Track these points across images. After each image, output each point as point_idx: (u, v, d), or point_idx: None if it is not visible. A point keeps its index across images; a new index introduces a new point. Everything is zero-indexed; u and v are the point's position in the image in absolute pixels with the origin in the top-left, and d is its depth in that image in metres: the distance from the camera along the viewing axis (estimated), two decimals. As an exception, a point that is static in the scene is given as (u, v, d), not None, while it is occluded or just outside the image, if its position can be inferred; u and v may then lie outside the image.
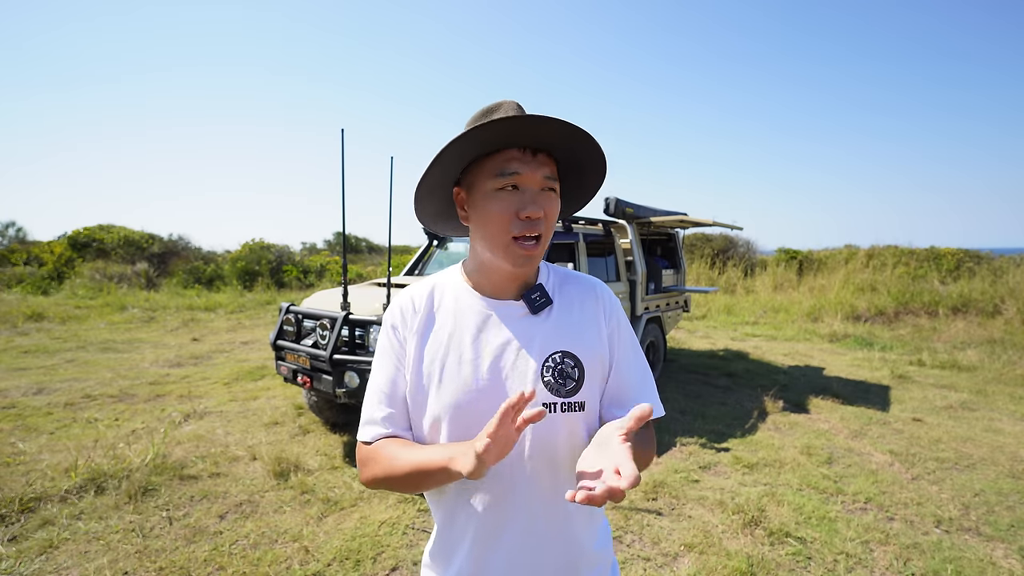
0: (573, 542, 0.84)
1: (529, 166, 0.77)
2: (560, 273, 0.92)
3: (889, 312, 9.61)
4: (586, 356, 0.83)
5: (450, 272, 0.92)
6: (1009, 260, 11.82)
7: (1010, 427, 4.12)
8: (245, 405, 4.47)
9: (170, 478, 3.01)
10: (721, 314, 10.49)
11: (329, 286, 13.94)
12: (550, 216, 0.79)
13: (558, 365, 0.81)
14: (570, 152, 0.81)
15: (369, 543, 2.42)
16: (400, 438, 0.85)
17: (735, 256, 14.55)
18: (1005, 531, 2.58)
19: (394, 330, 0.88)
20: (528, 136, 0.76)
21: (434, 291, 0.89)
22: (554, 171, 0.80)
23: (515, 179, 0.77)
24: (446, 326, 0.85)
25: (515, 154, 0.78)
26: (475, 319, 0.84)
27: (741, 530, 2.55)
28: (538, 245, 0.79)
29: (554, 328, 0.84)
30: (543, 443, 0.79)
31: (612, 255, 4.99)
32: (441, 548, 0.87)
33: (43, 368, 5.59)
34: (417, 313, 0.87)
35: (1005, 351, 6.81)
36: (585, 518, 0.85)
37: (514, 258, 0.79)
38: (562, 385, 0.80)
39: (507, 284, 0.86)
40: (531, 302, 0.84)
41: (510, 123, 0.72)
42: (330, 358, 3.04)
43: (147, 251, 15.22)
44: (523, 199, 0.77)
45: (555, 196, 0.80)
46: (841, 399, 4.81)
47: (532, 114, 0.72)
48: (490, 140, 0.77)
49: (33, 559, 2.25)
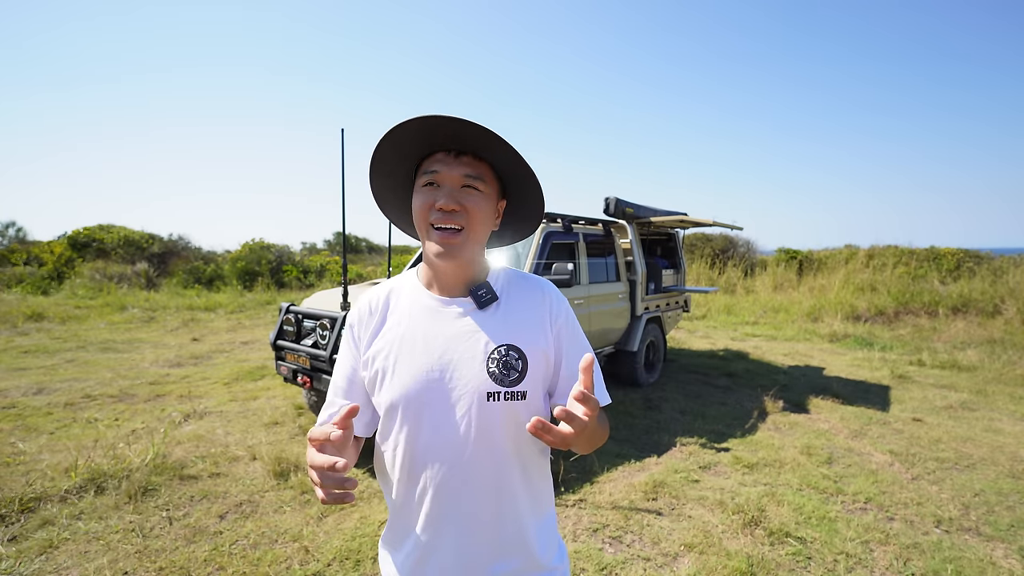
0: (519, 527, 0.89)
1: (449, 166, 0.85)
2: (511, 274, 0.99)
3: (889, 312, 9.61)
4: (529, 350, 0.88)
5: (407, 275, 1.00)
6: (1009, 260, 11.82)
7: (1010, 427, 4.12)
8: (245, 405, 4.47)
9: (170, 478, 3.01)
10: (721, 314, 10.49)
11: (329, 286, 13.94)
12: (471, 210, 0.85)
13: (503, 357, 0.86)
14: (493, 152, 0.86)
15: (369, 543, 2.42)
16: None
17: (735, 256, 14.56)
18: (1005, 531, 2.58)
19: (351, 329, 0.95)
20: (447, 139, 0.84)
21: (391, 293, 0.97)
22: (480, 172, 0.87)
23: (434, 177, 0.85)
24: (401, 323, 0.91)
25: (439, 156, 0.86)
26: (426, 315, 0.91)
27: (741, 530, 2.55)
28: (459, 235, 0.85)
29: (500, 323, 0.90)
30: (484, 430, 0.85)
31: (612, 255, 4.99)
32: (393, 531, 0.94)
33: (43, 368, 5.59)
34: (373, 314, 0.94)
35: (1005, 351, 6.81)
36: (529, 505, 0.91)
37: (433, 244, 0.85)
38: (505, 375, 0.86)
39: (455, 282, 0.92)
40: (477, 298, 0.90)
41: (416, 126, 0.80)
42: (330, 358, 3.04)
43: (147, 251, 15.22)
44: (439, 193, 0.85)
45: (478, 193, 0.86)
46: (841, 399, 4.81)
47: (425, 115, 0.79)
48: (413, 145, 0.85)
49: (33, 559, 2.25)
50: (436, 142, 0.85)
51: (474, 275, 0.93)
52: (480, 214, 0.87)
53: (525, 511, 0.90)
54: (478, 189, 0.86)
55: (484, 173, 0.87)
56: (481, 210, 0.87)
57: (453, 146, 0.86)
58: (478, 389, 0.85)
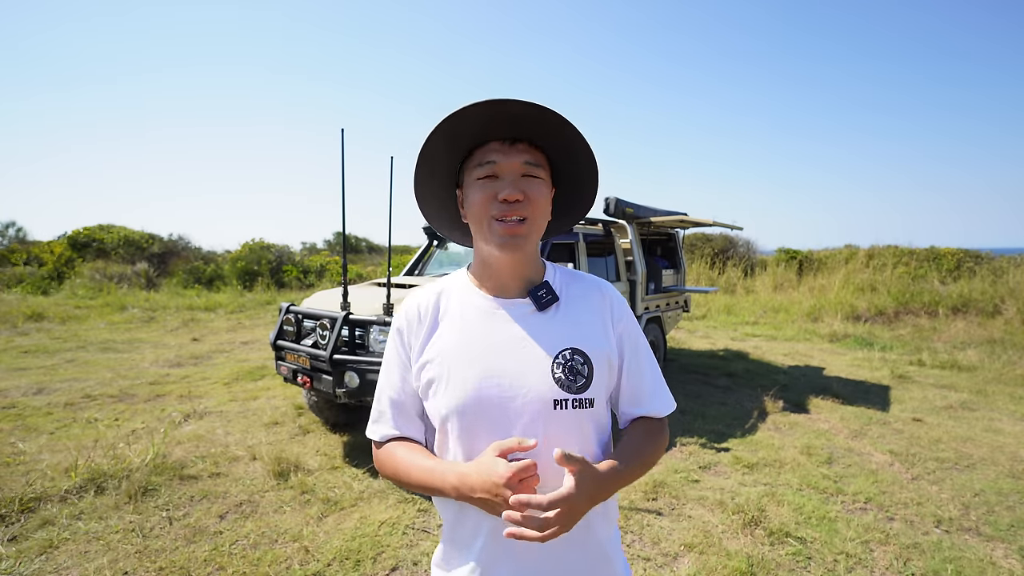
0: (589, 541, 0.83)
1: (506, 154, 0.79)
2: (566, 272, 0.93)
3: (889, 312, 9.61)
4: (594, 353, 0.83)
5: (457, 275, 0.93)
6: (1009, 260, 11.81)
7: (1010, 427, 4.12)
8: (245, 405, 4.47)
9: (170, 478, 3.01)
10: (721, 314, 10.49)
11: (329, 286, 13.94)
12: (533, 199, 0.80)
13: (568, 361, 0.81)
14: (551, 138, 0.81)
15: (369, 543, 2.42)
16: (408, 440, 0.87)
17: (735, 256, 14.55)
18: (1005, 531, 2.58)
19: (400, 334, 0.89)
20: (502, 126, 0.78)
21: (441, 295, 0.90)
22: (538, 158, 0.81)
23: (493, 168, 0.79)
24: (454, 327, 0.85)
25: (494, 146, 0.80)
26: (481, 317, 0.85)
27: (741, 530, 2.55)
28: (523, 225, 0.79)
29: (562, 325, 0.84)
30: (551, 441, 0.79)
31: (612, 255, 4.99)
32: (452, 547, 0.86)
33: (43, 368, 5.59)
34: (423, 318, 0.88)
35: (1005, 351, 6.81)
36: (600, 517, 0.84)
37: (497, 236, 0.79)
38: (572, 382, 0.80)
39: (512, 281, 0.86)
40: (537, 299, 0.84)
41: (476, 112, 0.75)
42: (330, 358, 3.04)
43: (147, 251, 15.22)
44: (501, 184, 0.79)
45: (539, 182, 0.81)
46: (841, 399, 4.81)
47: (490, 99, 0.74)
48: (465, 134, 0.79)
49: (33, 559, 2.25)
50: (491, 129, 0.79)
51: (531, 273, 0.87)
52: (543, 202, 0.81)
53: (597, 527, 0.84)
54: (538, 177, 0.81)
55: (541, 160, 0.82)
56: (543, 198, 0.82)
57: (510, 133, 0.80)
58: (543, 397, 0.78)
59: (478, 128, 0.79)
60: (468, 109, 0.75)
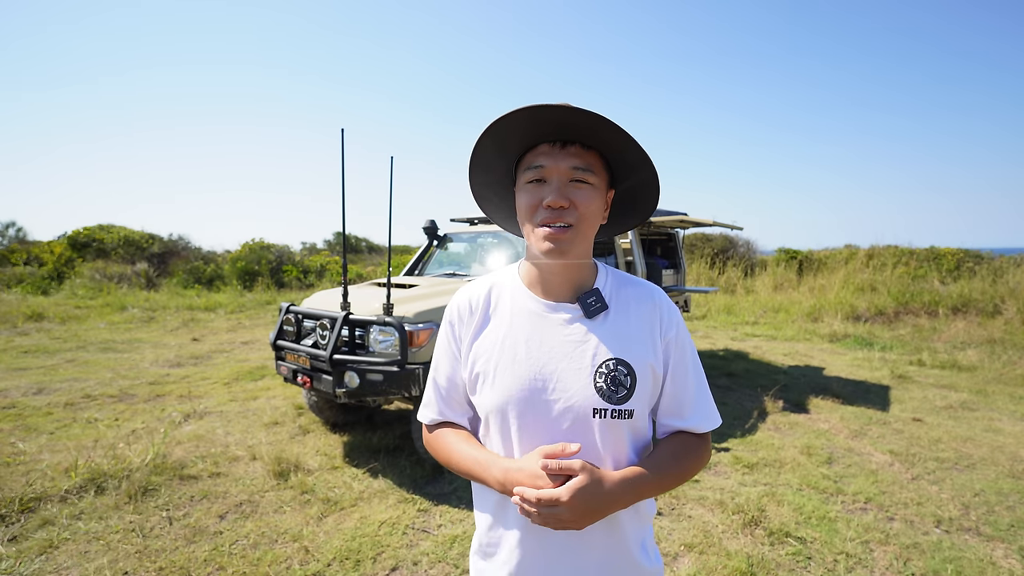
0: (619, 544, 0.85)
1: (555, 158, 0.78)
2: (618, 276, 0.91)
3: (889, 312, 9.61)
4: (639, 365, 0.82)
5: (508, 272, 0.94)
6: (1009, 260, 11.82)
7: (1010, 427, 4.12)
8: (245, 405, 4.47)
9: (170, 478, 3.01)
10: (721, 314, 10.49)
11: (329, 286, 13.94)
12: (580, 206, 0.78)
13: (611, 372, 0.81)
14: (607, 144, 0.80)
15: (369, 543, 2.42)
16: (456, 426, 0.93)
17: (735, 256, 14.55)
18: (1005, 531, 2.58)
19: (451, 327, 0.92)
20: (552, 129, 0.77)
21: (492, 291, 0.91)
22: (589, 163, 0.79)
23: (541, 172, 0.79)
24: (502, 325, 0.87)
25: (544, 148, 0.80)
26: (530, 320, 0.86)
27: (741, 530, 2.55)
28: (567, 232, 0.78)
29: (609, 334, 0.83)
30: (587, 448, 0.80)
31: (612, 255, 4.99)
32: (489, 538, 0.90)
33: (43, 368, 5.59)
34: (474, 312, 0.90)
35: (1005, 351, 6.80)
36: (631, 516, 0.86)
37: (541, 242, 0.79)
38: (614, 392, 0.81)
39: (562, 286, 0.86)
40: (587, 306, 0.84)
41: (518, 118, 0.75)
42: (330, 358, 3.04)
43: (147, 251, 15.22)
44: (547, 189, 0.79)
45: (587, 187, 0.80)
46: (841, 399, 4.80)
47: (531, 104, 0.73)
48: (513, 138, 0.80)
49: (33, 559, 2.25)
50: (540, 132, 0.78)
51: (582, 278, 0.87)
52: (591, 209, 0.80)
53: (628, 530, 0.86)
54: (588, 183, 0.79)
55: (593, 163, 0.80)
56: (592, 204, 0.80)
57: (559, 137, 0.79)
58: (583, 405, 0.80)
59: (524, 132, 0.78)
60: (511, 115, 0.75)
